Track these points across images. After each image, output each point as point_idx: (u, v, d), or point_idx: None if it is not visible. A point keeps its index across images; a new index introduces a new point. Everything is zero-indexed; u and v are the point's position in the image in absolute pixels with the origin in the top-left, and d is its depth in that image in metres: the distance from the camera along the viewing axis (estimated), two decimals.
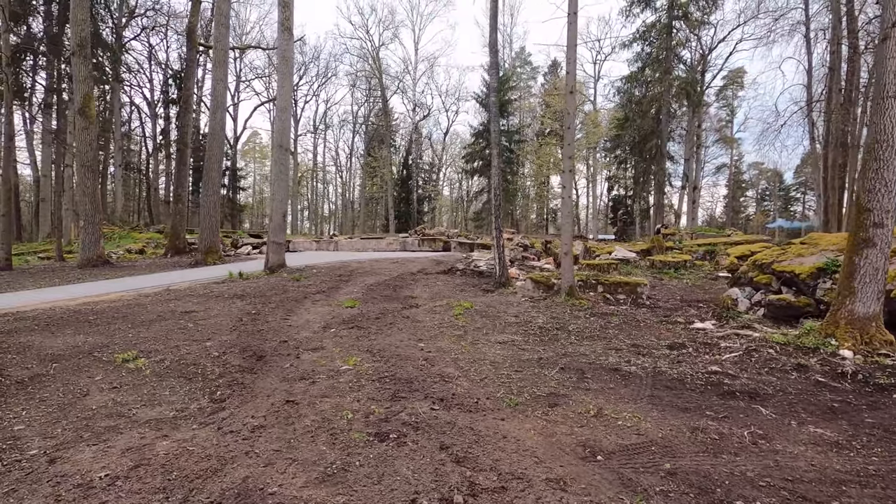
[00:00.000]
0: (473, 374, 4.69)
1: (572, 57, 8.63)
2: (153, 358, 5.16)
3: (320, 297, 8.86)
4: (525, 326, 6.84)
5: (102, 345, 5.67)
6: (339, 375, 4.61)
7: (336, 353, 5.40)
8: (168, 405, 3.95)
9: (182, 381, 4.52)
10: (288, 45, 11.87)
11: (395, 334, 6.28)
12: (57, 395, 4.14)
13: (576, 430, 3.44)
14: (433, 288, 10.01)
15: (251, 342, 5.80)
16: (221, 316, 7.18)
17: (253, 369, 4.86)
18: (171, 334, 6.14)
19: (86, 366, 4.92)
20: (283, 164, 11.84)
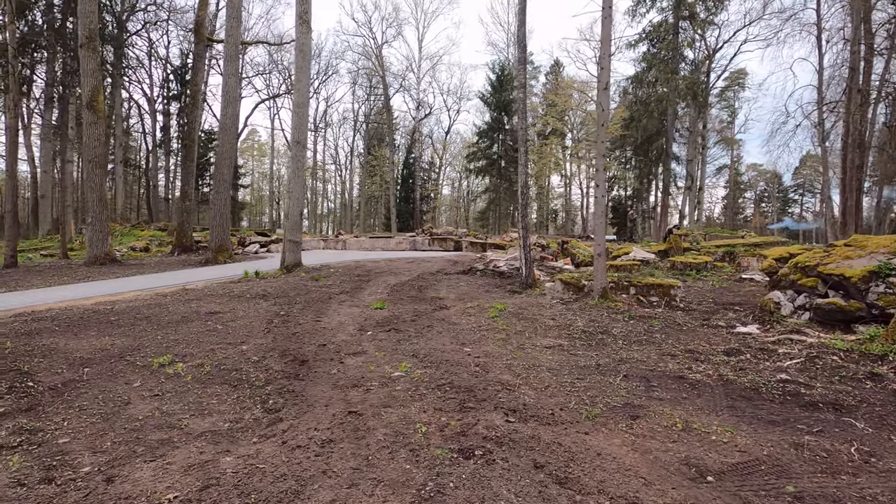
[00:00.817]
0: (534, 382, 4.44)
1: (606, 52, 8.40)
2: (190, 362, 4.88)
3: (345, 297, 8.59)
4: (567, 330, 6.59)
5: (132, 348, 5.38)
6: (394, 383, 4.35)
7: (381, 358, 5.14)
8: (219, 415, 3.68)
9: (227, 388, 4.25)
10: (306, 38, 11.57)
11: (435, 338, 6.02)
12: (97, 404, 3.86)
13: (669, 445, 3.19)
14: (458, 289, 9.76)
15: (289, 346, 5.53)
16: (249, 317, 6.90)
17: (299, 375, 4.59)
18: (202, 337, 5.86)
19: (120, 371, 4.63)
20: (300, 161, 11.55)
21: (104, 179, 14.31)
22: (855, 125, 14.85)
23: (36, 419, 3.54)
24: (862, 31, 15.20)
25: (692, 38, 34.95)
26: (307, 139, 11.58)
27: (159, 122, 42.89)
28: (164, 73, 42.14)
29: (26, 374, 4.47)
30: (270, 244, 19.52)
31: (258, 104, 48.90)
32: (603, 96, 8.37)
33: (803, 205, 77.17)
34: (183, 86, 40.49)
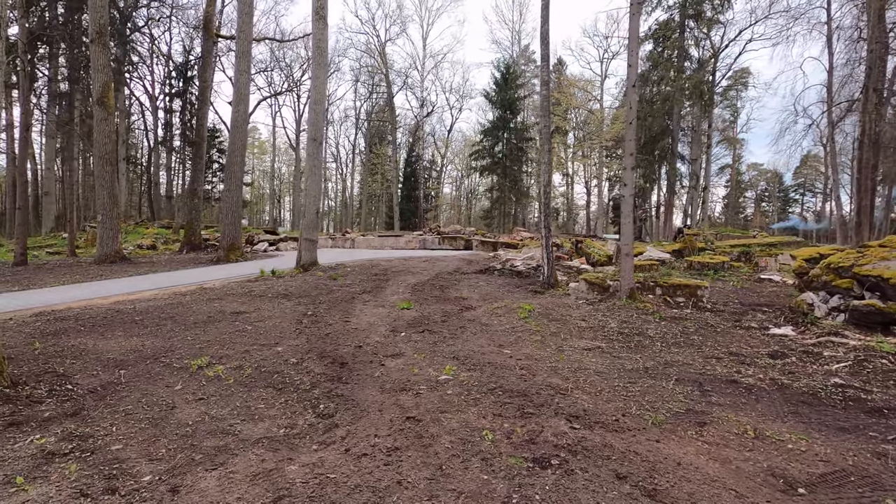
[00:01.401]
0: (586, 386, 4.33)
1: (634, 49, 8.28)
2: (228, 364, 4.75)
3: (368, 297, 8.47)
4: (601, 332, 6.48)
5: (164, 349, 5.26)
6: (442, 386, 4.23)
7: (421, 361, 5.02)
8: (271, 420, 3.55)
9: (272, 391, 4.13)
10: (323, 34, 11.42)
11: (471, 339, 5.90)
12: (141, 408, 3.74)
13: (747, 454, 3.08)
14: (479, 289, 9.64)
15: (324, 347, 5.41)
16: (276, 318, 6.78)
17: (342, 378, 4.47)
18: (233, 337, 5.73)
19: (158, 373, 4.51)
20: (317, 158, 11.41)
21: (115, 176, 14.15)
22: (871, 124, 14.74)
23: (83, 424, 3.42)
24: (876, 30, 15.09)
25: (698, 37, 34.83)
26: (323, 136, 11.43)
27: (161, 120, 42.61)
28: (166, 69, 41.87)
29: (63, 376, 4.35)
30: (279, 242, 19.37)
31: (260, 101, 48.62)
32: (632, 93, 8.25)
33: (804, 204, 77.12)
34: (186, 83, 40.23)
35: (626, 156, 8.31)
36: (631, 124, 8.20)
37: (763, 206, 78.39)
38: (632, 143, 8.26)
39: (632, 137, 8.23)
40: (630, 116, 8.20)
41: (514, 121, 38.91)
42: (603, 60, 51.26)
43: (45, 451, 3.02)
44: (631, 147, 8.26)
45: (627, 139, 8.26)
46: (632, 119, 8.21)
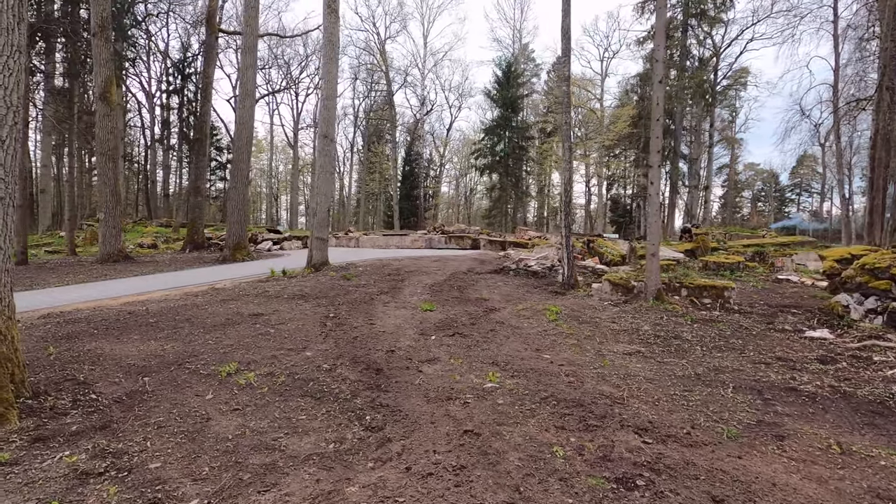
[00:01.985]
0: (641, 394, 4.10)
1: (661, 44, 8.07)
2: (257, 371, 4.49)
3: (387, 298, 8.21)
4: (636, 335, 6.26)
5: (187, 353, 4.98)
6: (491, 395, 3.99)
7: (459, 366, 4.78)
8: (317, 434, 3.30)
9: (310, 401, 3.87)
10: (335, 27, 11.14)
11: (505, 343, 5.66)
12: (174, 420, 3.47)
13: (840, 472, 2.86)
14: (498, 289, 9.40)
15: (355, 352, 5.15)
16: (297, 320, 6.51)
17: (381, 386, 4.22)
18: (257, 342, 5.46)
19: (185, 380, 4.24)
20: (329, 156, 11.13)
21: (117, 173, 13.81)
22: (885, 122, 14.61)
23: (114, 439, 3.15)
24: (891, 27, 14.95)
25: (702, 36, 34.73)
26: (335, 132, 11.16)
27: (157, 117, 42.05)
28: (163, 66, 41.31)
29: (84, 384, 4.07)
30: (283, 241, 19.06)
31: (258, 99, 48.14)
32: (659, 89, 8.03)
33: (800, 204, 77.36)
34: (184, 80, 39.77)
35: (652, 153, 8.09)
36: (658, 121, 7.99)
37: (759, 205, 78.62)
38: (658, 140, 8.04)
39: (658, 135, 8.02)
40: (657, 113, 7.99)
41: (516, 119, 38.66)
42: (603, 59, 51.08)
43: (77, 470, 2.75)
44: (657, 145, 8.04)
45: (654, 136, 8.04)
46: (658, 116, 7.99)
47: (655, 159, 7.98)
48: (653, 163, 8.04)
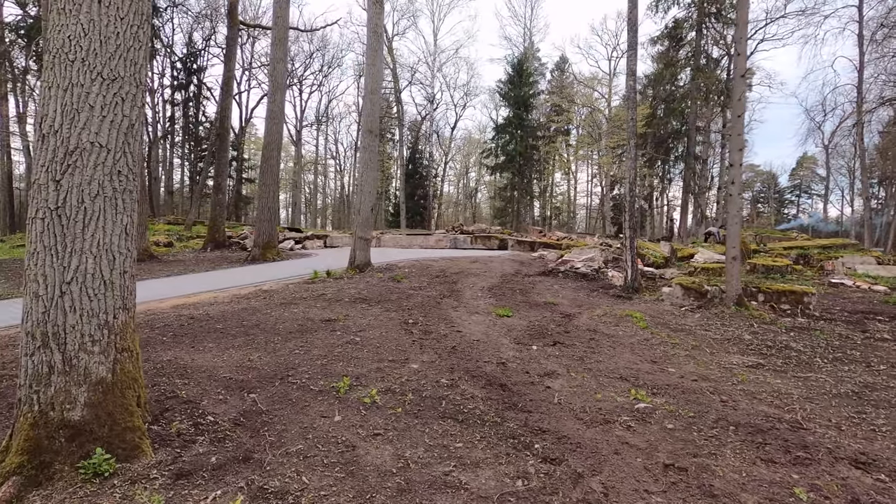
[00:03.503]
0: (813, 417, 3.69)
1: (743, 35, 7.68)
2: (372, 387, 4.04)
3: (452, 302, 7.77)
4: (742, 344, 5.87)
5: (281, 365, 4.53)
6: (650, 417, 3.57)
7: (587, 382, 4.35)
8: (490, 467, 2.86)
9: (453, 423, 3.43)
10: (379, 18, 10.67)
11: (616, 354, 5.25)
12: (316, 448, 3.02)
13: None
14: (559, 293, 8.99)
15: (463, 364, 4.71)
16: (377, 327, 6.05)
17: (517, 405, 3.79)
18: (348, 351, 5.01)
19: (299, 398, 3.79)
20: (372, 152, 10.66)
21: (142, 169, 13.26)
22: None
23: (264, 474, 2.70)
24: None
25: (717, 36, 34.45)
26: (378, 127, 10.70)
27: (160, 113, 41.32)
28: (168, 61, 40.60)
29: (190, 402, 3.61)
30: (305, 240, 18.55)
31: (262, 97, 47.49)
32: (739, 84, 7.63)
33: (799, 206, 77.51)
34: (190, 75, 39.11)
35: (733, 152, 7.70)
36: (739, 118, 7.59)
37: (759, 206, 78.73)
38: (739, 138, 7.64)
39: (740, 132, 7.62)
40: (738, 109, 7.59)
41: (528, 118, 38.25)
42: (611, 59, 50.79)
43: None
44: (739, 143, 7.64)
45: (735, 134, 7.65)
46: (740, 112, 7.60)
47: (737, 158, 7.58)
48: (734, 161, 7.64)
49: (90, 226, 2.59)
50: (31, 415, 2.47)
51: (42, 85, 2.57)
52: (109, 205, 2.65)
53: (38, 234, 2.53)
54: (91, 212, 2.59)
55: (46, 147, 2.53)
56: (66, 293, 2.54)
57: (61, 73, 2.54)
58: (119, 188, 2.70)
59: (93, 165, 2.59)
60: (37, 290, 2.52)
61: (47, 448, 2.44)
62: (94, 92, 2.59)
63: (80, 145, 2.56)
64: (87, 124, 2.57)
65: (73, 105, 2.55)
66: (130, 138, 2.77)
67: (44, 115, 2.55)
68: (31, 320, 2.53)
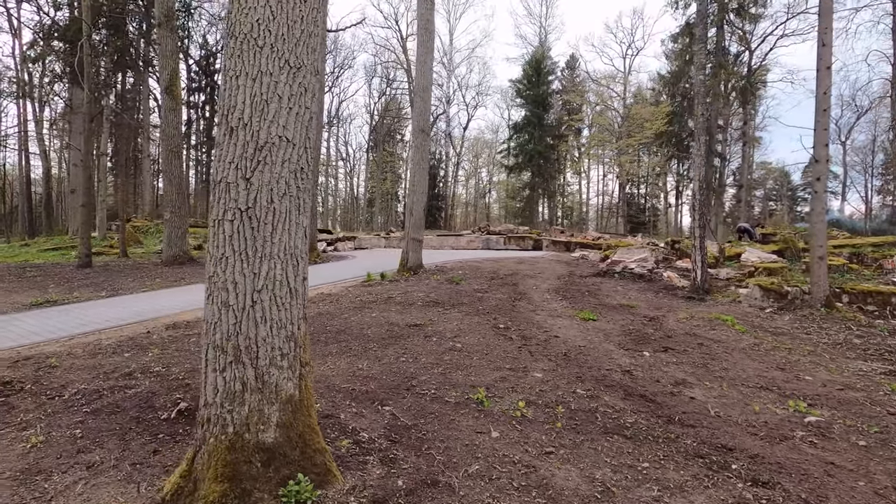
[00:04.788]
0: None
1: (828, 26, 7.37)
2: (511, 399, 3.79)
3: (527, 305, 7.51)
4: (854, 349, 5.57)
5: (398, 374, 4.29)
6: (829, 432, 3.29)
7: (727, 391, 4.09)
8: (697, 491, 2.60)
9: (622, 440, 3.17)
10: (430, 14, 10.44)
11: (737, 361, 4.97)
12: (495, 469, 2.77)
13: None
14: (627, 295, 8.71)
15: (586, 372, 4.45)
16: (470, 332, 5.80)
17: (673, 418, 3.52)
18: (457, 359, 4.76)
19: (440, 412, 3.54)
20: (424, 151, 10.43)
21: (182, 170, 13.13)
22: None
23: (460, 499, 2.45)
24: None
25: (741, 33, 34.01)
26: (430, 126, 10.46)
27: None
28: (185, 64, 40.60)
29: (329, 417, 3.38)
30: (336, 242, 18.36)
31: None
32: (825, 76, 7.32)
33: None
34: (209, 77, 39.11)
35: (818, 147, 7.39)
36: (825, 111, 7.28)
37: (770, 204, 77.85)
38: (825, 132, 7.34)
39: (826, 126, 7.31)
40: (825, 104, 7.28)
41: (547, 117, 37.94)
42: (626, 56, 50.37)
43: None
44: (824, 137, 7.34)
45: (820, 128, 7.34)
46: (826, 106, 7.29)
47: (823, 153, 7.28)
48: (820, 157, 7.33)
49: (278, 228, 2.36)
50: (226, 437, 2.23)
51: (227, 74, 2.34)
52: (293, 204, 2.42)
53: (227, 238, 2.29)
54: (279, 212, 2.36)
55: (235, 142, 2.30)
56: (257, 302, 2.31)
57: (250, 61, 2.31)
58: (302, 186, 2.47)
59: (281, 162, 2.36)
60: (226, 299, 2.29)
61: (246, 474, 2.20)
62: (282, 81, 2.36)
63: (270, 140, 2.33)
64: (275, 117, 2.34)
65: (263, 96, 2.32)
66: (310, 132, 2.54)
67: (230, 106, 2.32)
68: (220, 332, 2.29)
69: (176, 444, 3.12)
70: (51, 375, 4.35)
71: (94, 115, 14.32)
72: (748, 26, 35.66)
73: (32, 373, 4.42)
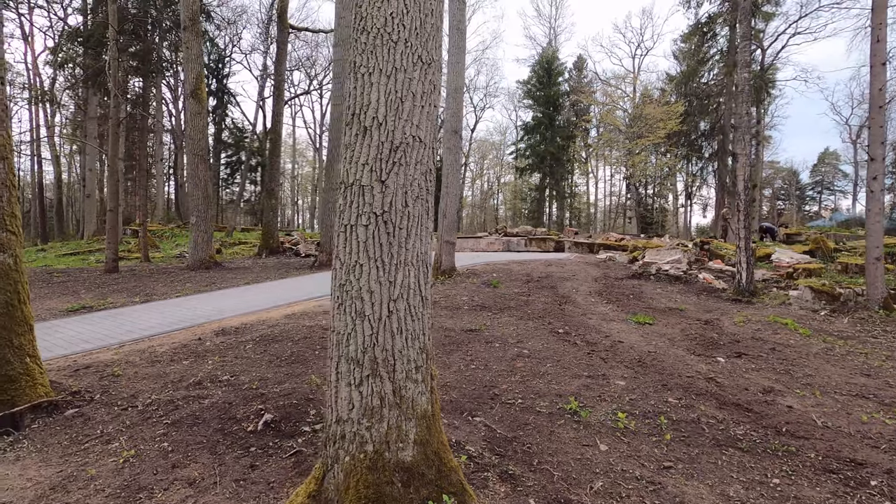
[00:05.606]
0: None
1: (882, 20, 7.20)
2: (605, 408, 3.64)
3: (574, 309, 7.35)
4: None
5: (478, 383, 4.15)
6: None
7: (822, 400, 3.92)
8: None
9: (738, 452, 3.02)
10: (462, 13, 10.33)
11: (819, 367, 4.80)
12: (618, 484, 2.63)
13: None
14: (672, 297, 8.54)
15: (668, 379, 4.29)
16: (530, 337, 5.66)
17: (780, 429, 3.36)
18: (531, 365, 4.62)
19: (537, 423, 3.40)
20: (456, 153, 10.30)
21: (208, 174, 13.05)
22: None
23: None
24: None
25: (759, 31, 33.76)
26: (462, 128, 10.35)
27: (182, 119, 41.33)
28: None
29: None
30: None
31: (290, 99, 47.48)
32: (880, 72, 7.15)
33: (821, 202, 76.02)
34: (219, 82, 39.17)
35: (874, 144, 7.21)
36: (881, 108, 7.11)
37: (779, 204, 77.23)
38: (881, 130, 7.17)
39: (881, 124, 7.14)
40: (880, 100, 7.10)
41: (558, 118, 37.78)
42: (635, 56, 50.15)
43: None
44: (880, 135, 7.16)
45: (875, 126, 7.16)
46: (882, 103, 7.12)
47: (879, 152, 7.10)
48: (876, 155, 7.16)
49: (412, 233, 2.23)
50: (365, 456, 2.10)
51: (359, 70, 2.21)
52: (423, 208, 2.29)
53: (362, 244, 2.16)
54: (413, 216, 2.23)
55: (369, 142, 2.17)
56: (393, 312, 2.17)
57: (384, 57, 2.18)
58: (430, 189, 2.34)
59: (414, 163, 2.23)
60: (361, 309, 2.15)
61: (389, 496, 2.06)
62: (416, 78, 2.23)
63: (405, 140, 2.20)
64: (409, 115, 2.21)
65: (398, 93, 2.19)
66: (436, 131, 2.41)
67: (363, 104, 2.19)
68: (355, 344, 2.16)
69: (270, 458, 3.00)
70: (117, 385, 4.24)
71: (121, 120, 14.28)
72: (761, 24, 35.43)
73: (97, 382, 4.31)
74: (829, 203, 74.04)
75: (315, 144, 52.36)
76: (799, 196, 76.12)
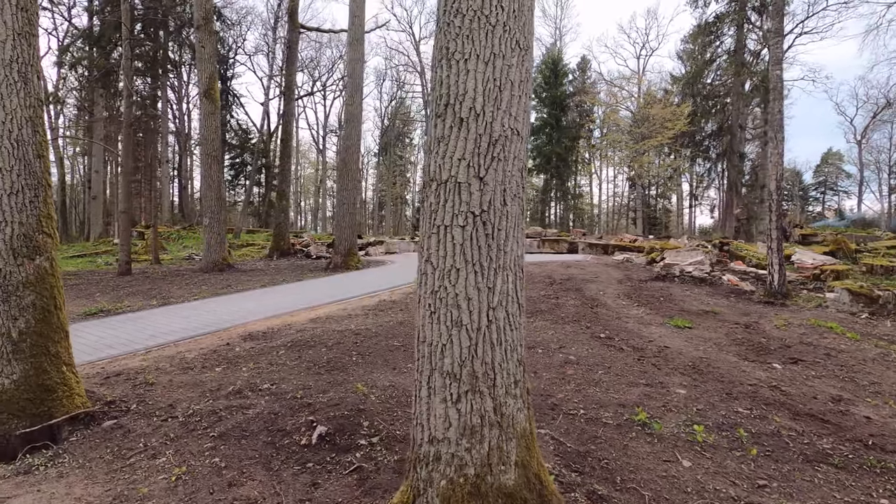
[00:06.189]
0: None
1: None
2: (675, 419, 3.45)
3: (608, 312, 7.15)
4: None
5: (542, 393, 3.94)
6: None
7: None
8: None
9: (833, 469, 2.83)
10: None
11: (881, 374, 4.60)
12: None
13: None
14: (702, 300, 8.34)
15: (729, 388, 4.09)
16: (572, 342, 5.46)
17: (865, 441, 3.17)
18: (582, 373, 4.43)
19: (607, 436, 3.20)
20: None
21: (221, 175, 12.88)
22: None
23: None
24: None
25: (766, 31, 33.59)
26: None
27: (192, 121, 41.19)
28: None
29: None
30: (368, 247, 18.07)
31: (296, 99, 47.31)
32: None
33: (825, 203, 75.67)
34: (224, 84, 39.02)
35: None
36: None
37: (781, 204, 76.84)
38: None
39: None
40: None
41: (565, 119, 37.61)
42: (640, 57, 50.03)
43: None
44: None
45: None
46: None
47: None
48: None
49: (510, 234, 2.04)
50: (466, 480, 1.90)
51: (453, 57, 2.02)
52: (519, 208, 2.10)
53: (458, 246, 1.97)
54: (511, 216, 2.04)
55: (465, 135, 1.98)
56: (493, 321, 1.98)
57: (481, 42, 1.99)
58: (524, 186, 2.15)
59: (513, 158, 2.04)
60: (458, 318, 1.96)
61: None
62: (514, 65, 2.04)
63: (503, 132, 2.01)
64: (508, 106, 2.02)
65: (497, 81, 2.00)
66: (530, 124, 2.22)
67: (457, 93, 2.00)
68: (452, 357, 1.97)
69: (330, 475, 2.81)
70: (153, 394, 4.05)
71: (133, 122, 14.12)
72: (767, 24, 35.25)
73: (131, 391, 4.12)
74: (833, 203, 73.68)
75: (318, 146, 52.14)
76: (802, 196, 75.86)
